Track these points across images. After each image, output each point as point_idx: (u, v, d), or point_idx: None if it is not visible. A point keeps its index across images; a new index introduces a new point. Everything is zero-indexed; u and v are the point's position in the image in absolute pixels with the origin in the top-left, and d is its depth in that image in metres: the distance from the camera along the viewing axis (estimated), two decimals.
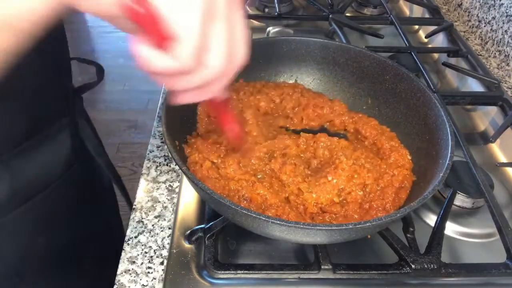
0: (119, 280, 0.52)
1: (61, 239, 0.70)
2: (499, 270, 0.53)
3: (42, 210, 0.64)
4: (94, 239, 0.79)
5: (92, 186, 0.78)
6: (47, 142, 0.62)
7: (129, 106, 2.40)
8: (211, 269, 0.51)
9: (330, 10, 1.02)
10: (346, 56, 0.68)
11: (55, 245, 0.69)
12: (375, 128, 0.64)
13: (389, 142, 0.61)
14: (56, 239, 0.69)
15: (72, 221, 0.72)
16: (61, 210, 0.68)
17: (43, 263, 0.69)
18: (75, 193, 0.71)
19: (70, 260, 0.74)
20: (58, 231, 0.69)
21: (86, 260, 0.77)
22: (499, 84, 0.83)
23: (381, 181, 0.56)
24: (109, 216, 0.87)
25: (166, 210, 0.60)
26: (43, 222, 0.66)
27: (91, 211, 0.77)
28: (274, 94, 0.68)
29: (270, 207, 0.51)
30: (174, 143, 0.53)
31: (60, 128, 0.64)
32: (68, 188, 0.68)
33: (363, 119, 0.66)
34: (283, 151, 0.58)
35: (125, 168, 2.07)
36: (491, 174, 0.65)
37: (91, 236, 0.77)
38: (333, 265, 0.51)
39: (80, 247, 0.75)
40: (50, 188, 0.64)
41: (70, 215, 0.71)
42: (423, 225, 0.60)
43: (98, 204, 0.81)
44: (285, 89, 0.69)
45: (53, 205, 0.66)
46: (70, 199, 0.70)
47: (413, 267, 0.52)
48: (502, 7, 0.94)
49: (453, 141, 0.53)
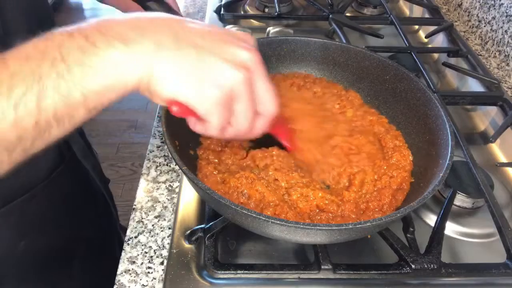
0: (119, 280, 0.52)
1: (48, 242, 0.68)
2: (499, 270, 0.53)
3: (25, 212, 0.63)
4: (85, 242, 0.78)
5: (81, 189, 0.77)
6: None
7: (129, 106, 2.40)
8: (211, 269, 0.51)
9: (330, 10, 1.02)
10: (346, 56, 0.68)
11: (40, 248, 0.67)
12: (383, 125, 0.64)
13: (393, 141, 0.61)
14: (40, 243, 0.67)
15: (60, 223, 0.71)
16: (48, 212, 0.67)
17: (26, 267, 0.67)
18: (63, 196, 0.70)
19: (57, 263, 0.72)
20: (43, 234, 0.67)
21: (74, 263, 0.76)
22: (499, 84, 0.83)
23: (379, 182, 0.56)
24: (100, 219, 0.86)
25: (166, 210, 0.60)
26: (26, 225, 0.64)
27: (80, 214, 0.76)
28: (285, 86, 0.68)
29: (268, 205, 0.51)
30: (174, 143, 0.53)
31: None
32: (55, 190, 0.67)
33: (375, 115, 0.66)
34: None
35: (125, 168, 2.07)
36: (491, 174, 0.65)
37: (81, 239, 0.76)
38: (333, 265, 0.51)
39: (69, 250, 0.74)
40: (35, 190, 0.63)
41: (57, 218, 0.70)
42: (423, 225, 0.60)
43: (88, 206, 0.79)
44: (295, 79, 0.69)
45: (38, 208, 0.65)
46: (57, 202, 0.69)
47: (413, 267, 0.52)
48: (502, 7, 0.94)
49: (453, 141, 0.53)
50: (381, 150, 0.61)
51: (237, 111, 0.42)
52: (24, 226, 0.64)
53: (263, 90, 0.43)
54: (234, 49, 0.41)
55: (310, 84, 0.68)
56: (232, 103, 0.41)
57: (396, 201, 0.55)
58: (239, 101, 0.41)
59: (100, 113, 0.40)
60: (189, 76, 0.39)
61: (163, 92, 0.39)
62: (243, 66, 0.41)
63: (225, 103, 0.41)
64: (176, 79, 0.39)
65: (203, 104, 0.40)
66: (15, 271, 0.66)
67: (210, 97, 0.40)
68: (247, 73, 0.41)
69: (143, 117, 2.36)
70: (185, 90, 0.39)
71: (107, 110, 0.40)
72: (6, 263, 0.64)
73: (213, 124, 0.42)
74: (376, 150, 0.59)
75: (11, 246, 0.64)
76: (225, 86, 0.40)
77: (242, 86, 0.41)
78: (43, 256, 0.68)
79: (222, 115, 0.41)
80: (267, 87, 0.43)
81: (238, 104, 0.42)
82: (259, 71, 0.42)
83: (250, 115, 0.43)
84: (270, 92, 0.44)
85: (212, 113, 0.41)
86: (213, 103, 0.40)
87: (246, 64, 0.41)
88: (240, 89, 0.41)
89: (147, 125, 2.32)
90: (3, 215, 0.60)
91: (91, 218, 0.82)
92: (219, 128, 0.43)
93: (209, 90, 0.40)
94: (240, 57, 0.41)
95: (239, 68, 0.40)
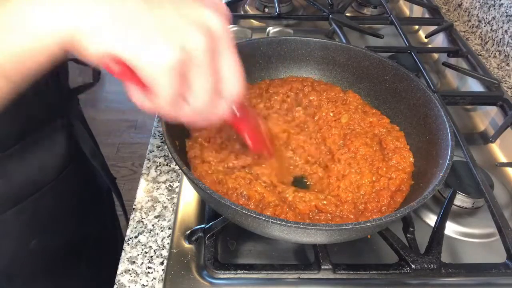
0: (119, 280, 0.52)
1: (56, 240, 0.69)
2: (499, 270, 0.53)
3: (35, 211, 0.63)
4: (91, 240, 0.78)
5: (88, 188, 0.77)
6: (42, 143, 0.62)
7: (129, 106, 2.39)
8: (211, 269, 0.51)
9: (330, 10, 1.02)
10: (346, 56, 0.68)
11: (50, 247, 0.68)
12: (384, 126, 0.63)
13: (394, 142, 0.60)
14: (50, 242, 0.68)
15: (68, 222, 0.71)
16: (57, 211, 0.68)
17: (36, 265, 0.67)
18: (71, 195, 0.70)
19: (66, 262, 0.73)
20: (53, 232, 0.68)
21: (81, 262, 0.76)
22: (499, 84, 0.83)
23: (377, 183, 0.56)
24: (106, 218, 0.87)
25: (166, 210, 0.60)
26: (37, 224, 0.65)
27: (87, 213, 0.76)
28: (282, 92, 0.67)
29: (268, 205, 0.51)
30: (174, 143, 0.53)
31: (55, 129, 0.64)
32: (64, 189, 0.68)
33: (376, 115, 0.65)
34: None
35: (125, 168, 2.07)
36: (491, 174, 0.65)
37: (88, 237, 0.77)
38: (333, 265, 0.51)
39: (76, 248, 0.74)
40: (45, 189, 0.63)
41: (66, 217, 0.70)
42: (423, 225, 0.60)
43: (94, 205, 0.80)
44: (293, 84, 0.69)
45: (48, 207, 0.65)
46: (65, 200, 0.69)
47: (413, 267, 0.52)
48: (502, 7, 0.94)
49: (453, 141, 0.53)
50: (380, 151, 0.60)
51: (194, 85, 0.35)
52: (35, 225, 0.64)
53: (228, 65, 0.36)
54: (201, 10, 0.34)
55: (308, 88, 0.68)
56: (188, 73, 0.34)
57: (394, 202, 0.55)
58: (197, 72, 0.34)
59: (100, 113, 0.39)
60: (133, 29, 0.32)
61: (98, 46, 0.32)
62: (208, 31, 0.33)
63: (177, 71, 0.33)
64: (116, 31, 0.32)
65: (149, 66, 0.32)
66: (26, 270, 0.66)
67: (159, 59, 0.32)
68: (211, 40, 0.34)
69: (143, 117, 2.36)
70: (125, 44, 0.32)
71: (107, 110, 0.40)
72: (18, 261, 0.65)
73: (161, 95, 0.34)
74: (374, 152, 0.59)
75: (23, 245, 0.64)
76: (180, 49, 0.32)
77: (202, 54, 0.33)
78: (52, 255, 0.69)
79: (172, 85, 0.33)
80: (232, 62, 0.36)
81: (195, 76, 0.34)
82: (226, 42, 0.35)
83: (209, 92, 0.35)
84: (236, 69, 0.36)
85: (159, 80, 0.33)
86: (162, 67, 0.32)
87: (212, 30, 0.34)
88: (200, 57, 0.33)
89: (147, 125, 2.32)
90: (16, 213, 0.60)
91: (99, 216, 0.83)
92: (170, 103, 0.35)
93: (159, 49, 0.32)
94: (206, 20, 0.34)
95: (202, 32, 0.33)
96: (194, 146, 0.57)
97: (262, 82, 0.69)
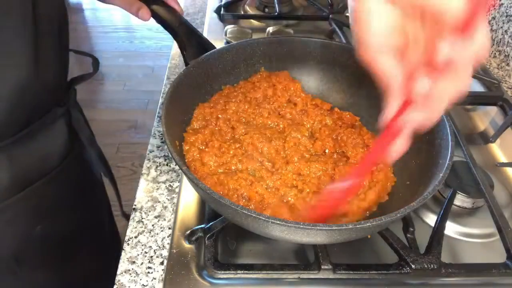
0: (119, 280, 0.52)
1: (58, 228, 0.71)
2: (499, 270, 0.53)
3: (40, 198, 0.66)
4: (88, 230, 0.81)
5: (84, 179, 0.79)
6: (44, 130, 0.64)
7: (129, 106, 2.40)
8: (211, 269, 0.51)
9: (330, 10, 1.02)
10: (346, 56, 0.68)
11: (53, 233, 0.70)
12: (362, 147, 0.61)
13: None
14: (53, 228, 0.70)
15: (68, 211, 0.73)
16: (58, 200, 0.70)
17: (41, 251, 0.70)
18: (69, 185, 0.72)
19: (67, 249, 0.75)
20: (55, 220, 0.70)
21: (82, 250, 0.79)
22: (499, 84, 0.83)
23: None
24: (98, 209, 0.89)
25: (166, 210, 0.60)
26: (42, 210, 0.67)
27: (84, 204, 0.79)
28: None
29: (268, 206, 0.51)
30: (174, 143, 0.53)
31: (55, 117, 0.66)
32: (67, 176, 0.70)
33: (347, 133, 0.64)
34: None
35: (125, 168, 2.07)
36: (491, 174, 0.65)
37: (85, 227, 0.80)
38: (333, 265, 0.51)
39: (76, 237, 0.77)
40: (48, 177, 0.66)
41: (66, 206, 0.72)
42: (423, 225, 0.60)
43: (89, 197, 0.82)
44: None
45: (51, 195, 0.68)
46: (65, 190, 0.71)
47: (413, 267, 0.52)
48: (502, 7, 0.94)
49: (453, 141, 0.53)
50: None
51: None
52: (41, 211, 0.67)
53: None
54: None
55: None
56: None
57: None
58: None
59: (100, 113, 0.40)
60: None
61: None
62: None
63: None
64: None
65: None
66: (33, 254, 0.69)
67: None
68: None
69: (143, 117, 2.36)
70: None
71: (107, 110, 0.40)
72: (23, 248, 0.67)
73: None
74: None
75: (28, 231, 0.67)
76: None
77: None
78: (54, 241, 0.71)
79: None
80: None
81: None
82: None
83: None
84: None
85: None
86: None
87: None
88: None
89: (147, 125, 2.33)
90: (23, 198, 0.63)
91: (97, 206, 0.86)
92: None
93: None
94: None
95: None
96: (192, 150, 0.57)
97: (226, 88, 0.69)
